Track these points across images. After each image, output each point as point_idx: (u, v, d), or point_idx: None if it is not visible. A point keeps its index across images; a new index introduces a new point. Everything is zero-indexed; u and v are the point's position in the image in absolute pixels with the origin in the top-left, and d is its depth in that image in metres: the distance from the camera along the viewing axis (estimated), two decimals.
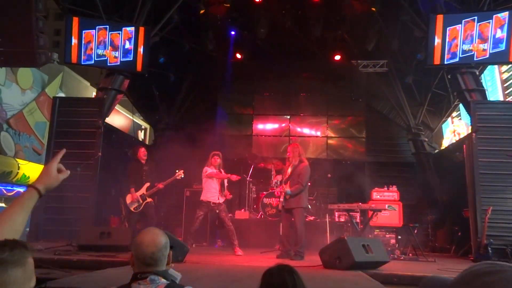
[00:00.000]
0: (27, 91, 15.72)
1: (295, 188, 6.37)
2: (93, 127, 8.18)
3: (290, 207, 6.40)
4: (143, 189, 7.48)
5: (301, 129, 12.37)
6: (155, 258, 1.87)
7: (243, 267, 5.20)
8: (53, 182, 1.54)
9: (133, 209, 7.42)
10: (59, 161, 1.58)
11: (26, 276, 1.01)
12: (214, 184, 7.00)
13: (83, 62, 8.59)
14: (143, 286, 1.83)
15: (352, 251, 4.92)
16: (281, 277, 1.90)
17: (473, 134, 7.60)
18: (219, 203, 6.91)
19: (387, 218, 8.23)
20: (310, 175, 6.57)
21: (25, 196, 1.44)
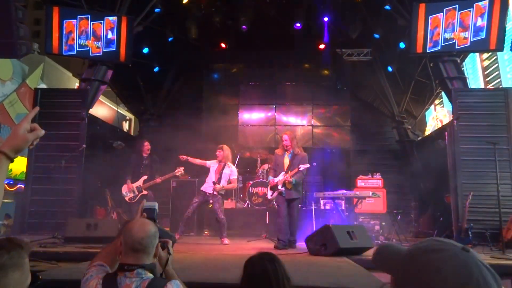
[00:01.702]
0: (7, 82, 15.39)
1: (298, 177, 6.25)
2: (76, 118, 8.08)
3: (291, 197, 6.26)
4: (140, 181, 7.64)
5: (286, 118, 12.42)
6: (144, 244, 1.89)
7: (230, 256, 5.26)
8: (21, 143, 1.36)
9: (128, 199, 7.59)
10: (30, 121, 1.41)
11: (24, 276, 1.01)
12: (211, 175, 7.04)
13: (65, 53, 8.44)
14: (128, 279, 1.85)
15: (337, 238, 5.02)
16: (262, 266, 1.91)
17: (455, 121, 7.74)
18: (213, 194, 6.92)
19: (372, 205, 8.36)
20: None
21: None
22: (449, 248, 0.82)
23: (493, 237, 6.52)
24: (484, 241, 6.54)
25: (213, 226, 8.20)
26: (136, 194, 7.58)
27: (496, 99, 7.78)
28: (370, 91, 12.57)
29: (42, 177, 7.71)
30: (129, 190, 7.59)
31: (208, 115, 12.04)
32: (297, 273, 2.08)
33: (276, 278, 1.88)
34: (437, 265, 0.78)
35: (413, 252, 0.85)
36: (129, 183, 7.60)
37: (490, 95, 8.10)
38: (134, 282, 1.85)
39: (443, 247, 0.82)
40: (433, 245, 0.83)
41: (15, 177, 12.57)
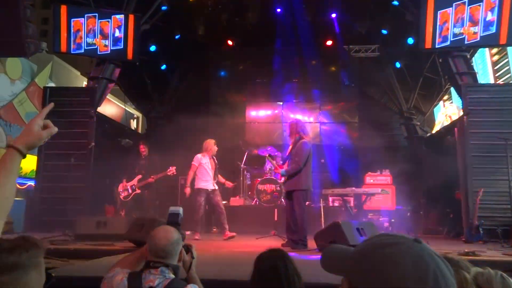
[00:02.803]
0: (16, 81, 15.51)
1: (291, 167, 5.81)
2: (85, 117, 8.13)
3: (288, 189, 5.90)
4: (135, 180, 8.00)
5: (294, 115, 12.37)
6: (166, 251, 1.97)
7: (239, 253, 5.27)
8: (35, 139, 1.35)
9: (122, 197, 8.00)
10: (44, 117, 1.39)
11: (41, 275, 1.01)
12: (208, 171, 7.06)
13: (73, 51, 8.48)
14: (152, 276, 1.91)
15: (347, 234, 4.98)
16: (272, 262, 1.92)
17: (465, 117, 7.67)
18: (214, 189, 7.04)
19: (381, 202, 8.33)
20: (310, 153, 5.90)
21: (7, 159, 1.29)
22: (402, 241, 0.79)
23: (505, 233, 6.45)
24: (495, 238, 6.48)
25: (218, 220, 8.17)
26: (130, 192, 8.00)
27: (506, 94, 7.69)
28: (378, 88, 12.49)
29: (51, 175, 7.78)
30: (123, 188, 8.02)
31: (215, 113, 12.03)
32: (307, 271, 2.07)
33: (286, 275, 1.89)
34: (394, 260, 0.76)
35: (365, 248, 0.82)
36: (124, 182, 8.04)
37: (501, 90, 8.01)
38: (157, 279, 1.90)
39: (396, 240, 0.80)
40: (385, 239, 0.81)
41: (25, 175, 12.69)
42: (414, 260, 0.75)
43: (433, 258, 0.77)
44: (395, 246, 0.78)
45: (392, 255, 0.77)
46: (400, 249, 0.78)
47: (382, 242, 0.80)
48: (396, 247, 0.78)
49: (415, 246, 0.78)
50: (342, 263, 0.85)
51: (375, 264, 0.77)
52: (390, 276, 0.74)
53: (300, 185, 5.78)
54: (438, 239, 7.75)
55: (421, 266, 0.75)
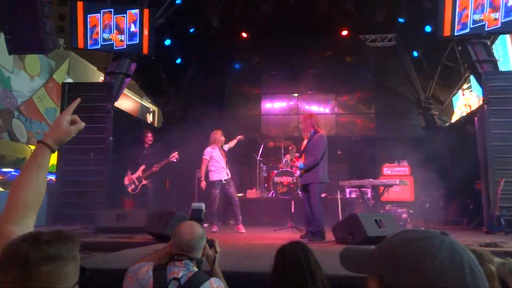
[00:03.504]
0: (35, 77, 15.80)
1: (309, 160, 5.84)
2: (103, 111, 8.23)
3: (305, 182, 5.93)
4: (139, 172, 7.89)
5: (309, 107, 12.32)
6: (191, 246, 2.04)
7: (257, 245, 5.29)
8: (64, 135, 1.39)
9: (130, 190, 7.91)
10: (71, 112, 1.43)
11: (77, 268, 1.03)
12: (220, 162, 7.10)
13: (90, 47, 8.57)
14: (176, 268, 1.97)
15: (365, 226, 4.95)
16: (294, 254, 1.93)
17: (485, 106, 7.51)
18: (229, 179, 7.08)
19: (399, 193, 8.23)
20: (326, 146, 5.93)
21: (38, 155, 1.34)
22: (432, 234, 0.80)
23: None
24: None
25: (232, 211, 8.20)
26: (137, 184, 7.88)
27: None
28: (394, 77, 12.31)
29: (71, 169, 7.92)
30: (129, 181, 7.89)
31: (230, 106, 12.06)
32: (326, 262, 2.07)
33: (308, 267, 1.90)
34: (430, 253, 0.76)
35: (394, 245, 0.81)
36: (129, 174, 7.91)
37: None
38: (182, 271, 1.96)
39: (426, 234, 0.80)
40: (414, 234, 0.81)
41: None
42: (449, 252, 0.76)
43: (464, 250, 0.78)
44: (427, 240, 0.78)
45: (427, 249, 0.77)
46: (434, 242, 0.78)
47: (411, 236, 0.80)
48: (429, 241, 0.78)
49: (446, 239, 0.78)
50: (366, 262, 0.85)
51: (411, 259, 0.77)
52: (429, 270, 0.74)
53: (317, 178, 5.82)
54: (458, 230, 7.65)
55: (457, 258, 0.75)
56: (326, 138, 6.03)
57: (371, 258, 0.84)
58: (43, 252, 0.96)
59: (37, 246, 0.96)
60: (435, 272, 0.74)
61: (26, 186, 1.28)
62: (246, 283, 3.02)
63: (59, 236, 1.01)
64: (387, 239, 0.85)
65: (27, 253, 0.95)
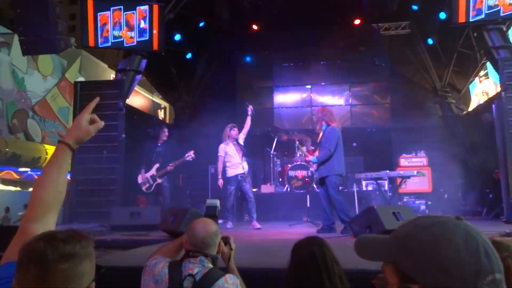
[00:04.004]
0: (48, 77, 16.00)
1: (322, 153, 5.90)
2: (114, 109, 8.28)
3: (321, 175, 5.98)
4: (153, 170, 7.76)
5: (323, 99, 12.21)
6: (205, 243, 2.05)
7: (272, 241, 5.26)
8: (83, 135, 1.43)
9: (144, 189, 7.79)
10: (91, 112, 1.45)
11: (93, 266, 1.05)
12: (234, 157, 7.05)
13: (101, 45, 8.62)
14: (192, 264, 1.99)
15: (382, 219, 4.87)
16: (310, 250, 1.92)
17: (502, 93, 7.34)
18: (245, 174, 7.00)
19: (416, 185, 8.16)
20: (339, 137, 5.92)
21: (58, 154, 1.38)
22: (446, 219, 0.81)
23: None
24: None
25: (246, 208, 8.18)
26: (151, 183, 7.74)
27: None
28: (409, 66, 12.13)
29: (85, 168, 8.00)
30: (143, 180, 7.77)
31: (242, 99, 12.00)
32: (344, 257, 2.05)
33: (324, 262, 1.88)
34: (446, 237, 0.77)
35: (409, 231, 0.82)
36: (143, 173, 7.79)
37: None
38: (197, 268, 1.97)
39: (439, 219, 0.81)
40: (428, 220, 0.82)
41: None
42: (464, 236, 0.77)
43: (478, 234, 0.79)
44: (441, 224, 0.80)
45: (442, 233, 0.78)
46: (448, 226, 0.79)
47: (425, 222, 0.81)
48: (444, 225, 0.79)
49: (460, 223, 0.79)
50: (382, 249, 0.86)
51: (426, 244, 0.78)
52: (445, 254, 0.76)
53: (333, 171, 5.84)
54: (477, 220, 7.52)
55: (471, 241, 0.77)
56: (339, 130, 6.02)
57: (386, 245, 0.85)
58: (60, 251, 0.97)
59: (53, 245, 0.98)
60: (451, 256, 0.75)
61: (47, 185, 1.31)
62: (262, 279, 3.00)
63: (73, 235, 1.03)
64: (401, 226, 0.86)
65: (44, 251, 0.96)
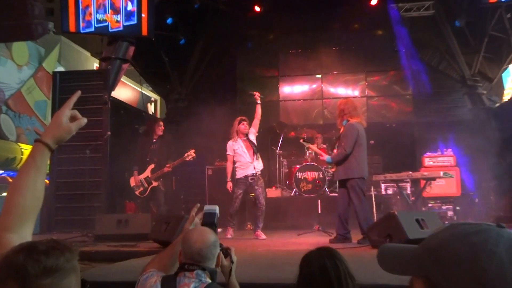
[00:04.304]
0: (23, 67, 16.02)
1: (336, 153, 5.99)
2: (99, 103, 8.30)
3: (337, 178, 6.09)
4: (148, 171, 7.60)
5: (335, 90, 12.20)
6: (202, 255, 2.03)
7: (279, 252, 5.27)
8: (63, 133, 1.41)
9: (138, 193, 7.64)
10: (72, 107, 1.44)
11: (78, 280, 1.05)
12: (243, 156, 7.00)
13: (82, 30, 8.63)
14: (187, 279, 1.98)
15: (404, 227, 4.89)
16: (321, 262, 1.91)
17: None
18: (256, 174, 6.91)
19: (443, 187, 8.16)
20: (358, 135, 5.87)
21: (35, 155, 1.35)
22: (487, 227, 0.80)
23: None
24: None
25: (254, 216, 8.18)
26: (146, 186, 7.56)
27: None
28: (434, 52, 12.10)
29: (65, 170, 8.03)
30: (137, 183, 7.58)
31: (243, 91, 12.01)
32: (360, 270, 2.06)
33: (337, 276, 1.88)
34: (488, 248, 0.76)
35: (443, 241, 0.82)
36: (135, 174, 7.62)
37: None
38: (193, 283, 1.97)
39: (479, 228, 0.80)
40: (466, 228, 0.81)
41: None
42: (508, 247, 0.76)
43: None
44: (482, 233, 0.79)
45: (482, 244, 0.77)
46: (490, 235, 0.78)
47: (463, 231, 0.80)
48: (484, 234, 0.78)
49: (504, 232, 0.78)
50: (410, 261, 0.85)
51: (464, 256, 0.77)
52: (485, 268, 0.74)
53: (352, 173, 5.84)
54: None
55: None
56: (362, 127, 6.00)
57: (416, 257, 0.84)
58: (41, 264, 0.97)
59: (34, 258, 0.97)
60: (493, 271, 0.74)
61: (23, 190, 1.30)
62: None
63: (56, 246, 1.03)
64: (434, 234, 0.86)
65: (25, 265, 0.96)
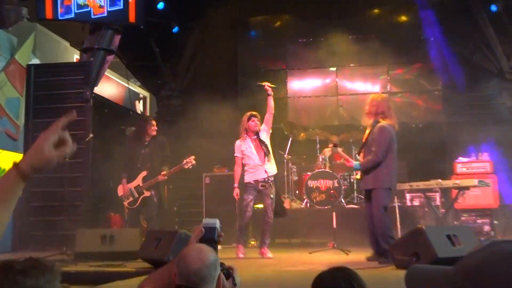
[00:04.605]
0: None
1: (367, 160, 5.96)
2: (79, 100, 8.32)
3: (366, 187, 6.07)
4: (139, 179, 7.55)
5: (352, 85, 12.20)
6: (200, 276, 2.00)
7: (287, 273, 5.29)
8: (44, 161, 1.35)
9: (127, 204, 7.62)
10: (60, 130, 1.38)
11: None
12: (252, 157, 6.96)
13: (61, 17, 8.69)
14: None
15: (434, 244, 4.90)
16: (335, 284, 1.91)
17: None
18: (268, 180, 6.84)
19: (478, 198, 8.15)
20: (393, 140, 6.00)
21: (6, 183, 1.32)
22: None
23: None
24: None
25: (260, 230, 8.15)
26: (136, 197, 7.52)
27: None
28: (467, 41, 12.07)
29: (41, 178, 8.01)
30: (126, 192, 7.52)
31: (245, 86, 12.02)
32: None
33: None
34: None
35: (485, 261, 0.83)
36: (124, 183, 7.55)
37: None
38: None
39: None
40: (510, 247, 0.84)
41: None
42: None
43: None
44: None
45: None
46: None
47: (505, 250, 0.83)
48: None
49: None
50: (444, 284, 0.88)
51: (505, 279, 0.79)
52: None
53: (380, 182, 5.88)
54: None
55: None
56: (392, 130, 6.03)
57: (450, 280, 0.87)
58: (19, 285, 0.98)
59: (11, 278, 0.98)
60: None
61: None
62: None
63: (35, 265, 1.04)
64: (471, 254, 0.90)
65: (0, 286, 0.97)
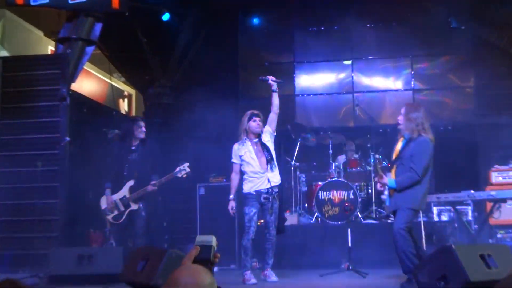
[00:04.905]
0: None
1: (406, 177, 5.97)
2: (54, 98, 8.31)
3: (395, 207, 6.07)
4: (125, 190, 7.56)
5: (370, 81, 12.19)
6: None
7: None
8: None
9: (111, 219, 7.59)
10: None
11: None
12: (252, 164, 6.95)
13: (34, 2, 8.68)
14: None
15: (465, 265, 4.89)
16: None
17: None
18: (272, 191, 6.85)
19: None
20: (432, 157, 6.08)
21: None
22: None
23: None
24: None
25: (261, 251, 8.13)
26: (122, 210, 7.52)
27: None
28: (503, 31, 12.07)
29: (9, 188, 8.02)
30: (110, 205, 7.51)
31: (247, 82, 12.05)
32: None
33: None
34: None
35: None
36: (108, 194, 7.54)
37: None
38: None
39: None
40: None
41: None
42: None
43: None
44: None
45: None
46: None
47: None
48: None
49: None
50: None
51: None
52: None
53: (411, 202, 5.95)
54: None
55: None
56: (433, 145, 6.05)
57: None
58: None
59: None
60: None
61: None
62: None
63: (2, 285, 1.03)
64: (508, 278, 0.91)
65: None
